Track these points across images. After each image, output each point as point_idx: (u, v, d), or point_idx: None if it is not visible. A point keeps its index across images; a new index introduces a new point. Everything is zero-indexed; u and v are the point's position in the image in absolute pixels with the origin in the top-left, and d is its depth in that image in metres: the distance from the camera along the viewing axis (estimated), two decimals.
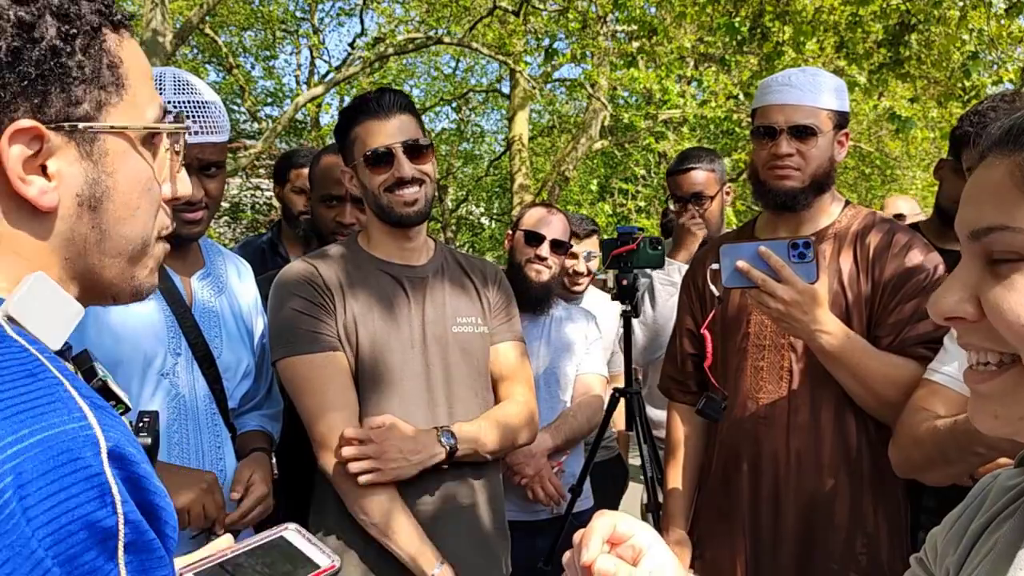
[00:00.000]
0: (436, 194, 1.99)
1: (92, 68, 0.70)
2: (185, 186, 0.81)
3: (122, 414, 0.76)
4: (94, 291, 0.76)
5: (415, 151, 1.74)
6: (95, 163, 0.71)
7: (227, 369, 1.72)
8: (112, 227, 0.73)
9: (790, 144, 1.78)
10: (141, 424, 0.78)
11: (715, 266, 1.69)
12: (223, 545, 0.83)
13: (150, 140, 0.75)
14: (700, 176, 2.76)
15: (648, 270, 2.62)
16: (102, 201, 0.72)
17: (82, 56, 0.70)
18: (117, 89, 0.72)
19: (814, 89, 1.79)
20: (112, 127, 0.72)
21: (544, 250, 2.50)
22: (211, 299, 1.75)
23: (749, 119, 10.54)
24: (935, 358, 1.60)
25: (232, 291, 1.82)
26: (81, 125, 0.70)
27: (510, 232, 2.69)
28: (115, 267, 0.75)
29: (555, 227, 2.53)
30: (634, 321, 2.69)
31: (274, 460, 1.82)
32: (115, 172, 0.72)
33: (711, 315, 1.86)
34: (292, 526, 0.79)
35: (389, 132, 1.73)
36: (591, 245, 3.01)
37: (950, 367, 1.55)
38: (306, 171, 2.89)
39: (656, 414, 2.82)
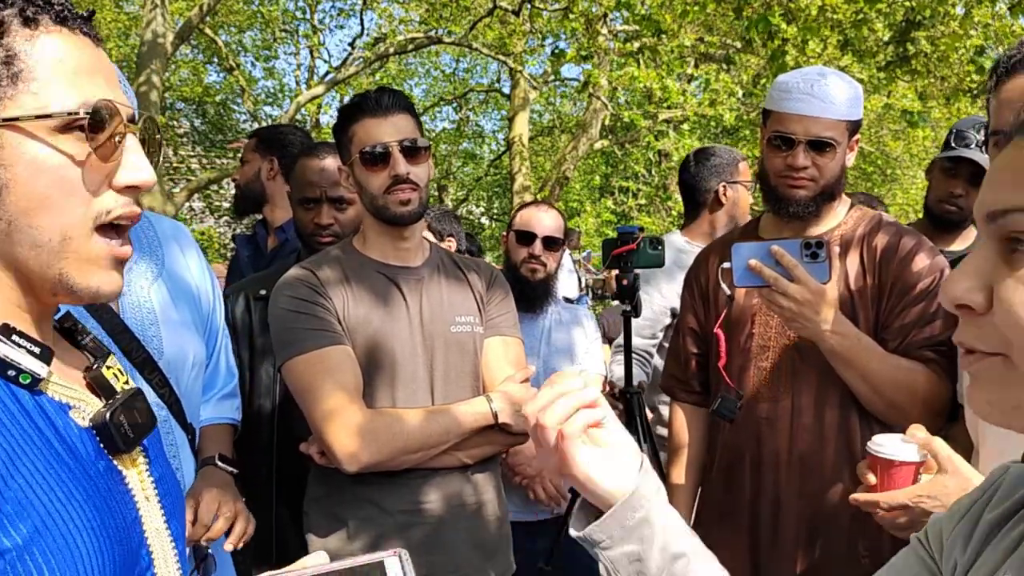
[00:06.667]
0: (434, 194, 1.98)
1: None
2: (134, 174, 0.78)
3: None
4: (33, 284, 0.77)
5: (412, 151, 1.73)
6: None
7: (173, 367, 1.61)
8: (18, 218, 0.73)
9: (807, 156, 1.76)
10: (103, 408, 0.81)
11: (727, 265, 1.67)
12: (315, 562, 0.77)
13: (70, 129, 0.74)
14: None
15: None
16: (1, 192, 0.72)
17: None
18: (12, 82, 0.72)
19: (835, 101, 1.74)
20: (2, 120, 0.71)
21: (537, 248, 2.50)
22: (143, 291, 1.62)
23: (751, 117, 10.44)
24: None
25: (169, 270, 1.69)
26: None
27: (505, 233, 2.69)
28: (35, 260, 0.75)
29: (546, 224, 2.53)
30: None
31: (227, 471, 1.70)
32: (13, 164, 0.72)
33: (723, 314, 1.84)
34: (397, 553, 0.72)
35: (386, 131, 1.72)
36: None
37: None
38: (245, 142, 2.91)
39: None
